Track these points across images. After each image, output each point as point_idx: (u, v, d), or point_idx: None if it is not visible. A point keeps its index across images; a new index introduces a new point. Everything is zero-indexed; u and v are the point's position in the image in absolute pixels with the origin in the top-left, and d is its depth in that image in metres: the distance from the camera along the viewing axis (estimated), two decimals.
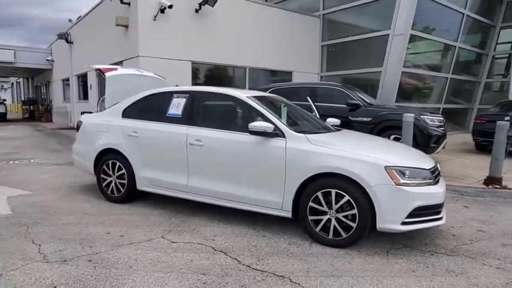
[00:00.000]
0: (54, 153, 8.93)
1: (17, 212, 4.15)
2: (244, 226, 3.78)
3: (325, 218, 3.31)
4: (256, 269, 2.83)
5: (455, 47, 13.33)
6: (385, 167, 3.14)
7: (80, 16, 15.16)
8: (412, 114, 6.45)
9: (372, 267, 2.92)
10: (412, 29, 11.22)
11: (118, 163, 4.47)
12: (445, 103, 13.69)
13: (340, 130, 4.34)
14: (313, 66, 13.46)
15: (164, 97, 4.41)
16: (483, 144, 9.71)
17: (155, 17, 9.42)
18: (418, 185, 3.17)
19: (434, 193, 3.24)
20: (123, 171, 4.44)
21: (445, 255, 3.19)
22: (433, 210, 3.25)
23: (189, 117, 4.10)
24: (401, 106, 9.45)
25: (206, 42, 10.46)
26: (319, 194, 3.31)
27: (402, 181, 3.11)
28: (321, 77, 13.59)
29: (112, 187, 4.57)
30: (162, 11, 9.44)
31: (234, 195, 3.75)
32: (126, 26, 9.80)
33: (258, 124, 3.52)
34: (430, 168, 3.36)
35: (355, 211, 3.17)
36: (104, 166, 4.59)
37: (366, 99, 7.88)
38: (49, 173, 6.44)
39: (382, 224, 3.12)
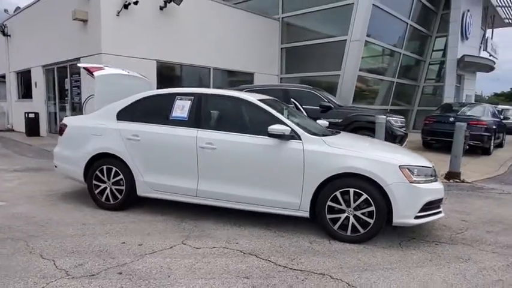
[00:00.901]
0: (4, 158, 8.04)
1: (1, 226, 3.73)
2: (258, 228, 3.83)
3: (343, 216, 3.50)
4: (294, 269, 2.92)
5: (400, 53, 14.55)
6: (399, 166, 3.42)
7: (19, 7, 13.76)
8: (384, 116, 6.99)
9: (394, 259, 3.17)
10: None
11: (114, 168, 4.23)
12: (391, 105, 14.88)
13: (339, 132, 4.57)
14: (274, 68, 13.75)
15: (166, 99, 4.28)
16: (430, 142, 10.80)
17: (118, 12, 8.93)
18: (425, 182, 3.50)
19: (438, 189, 3.59)
20: (121, 176, 4.21)
21: (448, 244, 3.56)
22: (437, 204, 3.60)
23: (197, 120, 4.03)
24: (363, 108, 10.08)
25: (171, 41, 10.18)
26: (337, 193, 3.49)
27: (414, 179, 3.41)
28: (281, 78, 13.94)
29: (107, 194, 4.30)
30: (126, 6, 8.99)
31: (250, 198, 3.78)
32: (85, 21, 9.16)
33: (276, 127, 3.59)
34: (431, 167, 3.71)
35: (372, 208, 3.40)
36: (97, 172, 4.31)
37: (335, 102, 8.33)
38: (13, 180, 5.82)
39: (398, 219, 3.39)
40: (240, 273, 2.82)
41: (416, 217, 3.41)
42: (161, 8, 9.82)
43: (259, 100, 4.06)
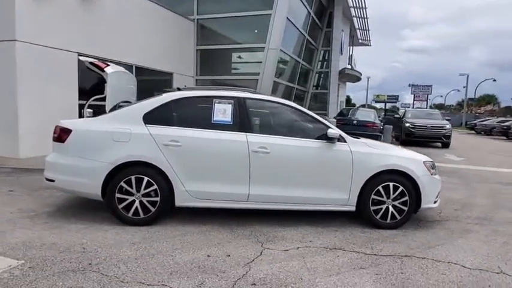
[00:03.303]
0: None
1: (32, 258, 2.94)
2: (308, 226, 4.06)
3: (384, 206, 4.10)
4: (383, 255, 3.33)
5: (300, 63, 16.31)
6: (423, 161, 4.22)
7: None
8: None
9: (442, 236, 3.92)
10: None
11: (146, 178, 3.78)
12: None
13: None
14: (190, 69, 13.51)
15: (201, 102, 4.10)
16: None
17: None
18: (435, 174, 4.41)
19: (440, 179, 4.56)
20: (155, 187, 3.80)
21: (463, 222, 4.46)
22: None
23: (243, 124, 3.99)
24: None
25: (95, 34, 8.99)
26: (380, 187, 4.07)
27: (432, 171, 4.27)
28: (196, 80, 13.80)
29: (136, 207, 3.80)
30: None
31: (301, 198, 4.00)
32: None
33: (333, 131, 3.95)
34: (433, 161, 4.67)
35: (406, 198, 4.10)
36: (123, 183, 3.76)
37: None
38: None
39: (424, 205, 4.18)
40: (351, 265, 3.08)
41: (434, 202, 4.29)
42: None
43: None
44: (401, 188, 4.08)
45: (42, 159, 4.05)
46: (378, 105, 56.07)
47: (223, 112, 4.01)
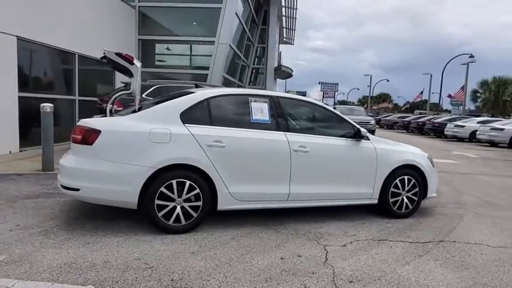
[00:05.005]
0: None
1: (98, 281, 2.53)
2: (336, 221, 4.22)
3: (400, 198, 4.50)
4: (425, 242, 3.69)
5: (241, 58, 16.37)
6: (427, 156, 4.75)
7: None
8: None
9: (447, 221, 4.45)
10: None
11: (188, 182, 3.51)
12: None
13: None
14: None
15: (237, 100, 3.96)
16: None
17: None
18: (434, 166, 4.97)
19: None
20: (197, 191, 3.55)
21: (447, 208, 5.09)
22: None
23: (280, 123, 3.97)
24: None
25: (37, 17, 7.75)
26: (397, 180, 4.46)
27: (432, 164, 4.82)
28: None
29: (178, 214, 3.51)
30: None
31: (335, 194, 4.17)
32: None
33: (364, 130, 4.17)
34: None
35: (417, 189, 4.57)
36: (163, 188, 3.43)
37: None
38: None
39: (430, 194, 4.71)
40: (411, 254, 3.35)
41: (435, 192, 4.86)
42: None
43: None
44: (413, 180, 4.53)
45: None
46: None
47: (261, 111, 3.93)
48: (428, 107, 38.27)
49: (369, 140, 4.36)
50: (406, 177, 4.49)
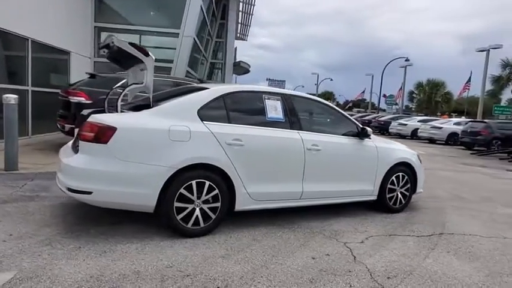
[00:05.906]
0: None
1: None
2: (341, 217, 4.32)
3: (395, 194, 4.73)
4: (430, 235, 3.93)
5: (201, 52, 15.95)
6: (416, 154, 5.04)
7: None
8: None
9: (435, 214, 4.76)
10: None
11: (208, 182, 3.34)
12: None
13: None
14: (86, 48, 11.55)
15: (252, 97, 3.88)
16: None
17: None
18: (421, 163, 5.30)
19: None
20: (216, 191, 3.39)
21: (428, 202, 5.43)
22: None
23: (293, 121, 3.94)
24: None
25: None
26: (393, 177, 4.68)
27: (420, 162, 5.13)
28: (94, 62, 11.90)
29: (197, 216, 3.32)
30: None
31: (342, 192, 4.26)
32: None
33: (369, 129, 4.31)
34: None
35: (409, 185, 4.85)
36: (183, 190, 3.23)
37: None
38: None
39: (419, 190, 5.01)
40: (424, 247, 3.53)
41: (422, 187, 5.19)
42: None
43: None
44: (406, 177, 4.79)
45: None
46: None
47: (275, 109, 3.87)
48: (370, 105, 40.79)
49: (369, 138, 4.52)
50: (400, 174, 4.73)
